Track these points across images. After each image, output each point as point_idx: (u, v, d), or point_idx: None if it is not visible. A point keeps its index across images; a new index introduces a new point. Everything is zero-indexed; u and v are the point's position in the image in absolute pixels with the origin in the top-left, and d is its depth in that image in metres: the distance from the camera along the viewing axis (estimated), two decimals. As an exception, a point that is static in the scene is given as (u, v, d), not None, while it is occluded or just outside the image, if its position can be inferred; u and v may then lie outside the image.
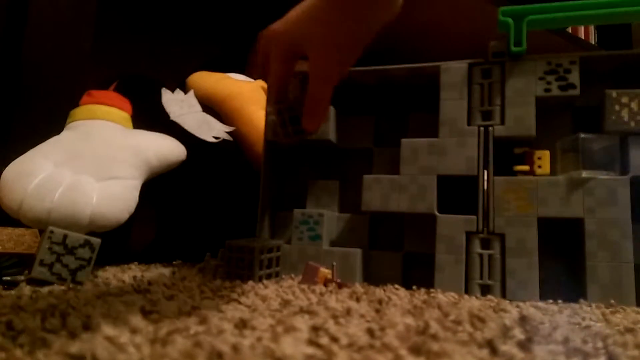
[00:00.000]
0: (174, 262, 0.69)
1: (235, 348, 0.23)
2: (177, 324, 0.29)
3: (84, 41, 0.78)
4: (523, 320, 0.35)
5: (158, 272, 0.57)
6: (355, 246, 0.61)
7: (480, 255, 0.54)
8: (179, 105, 0.76)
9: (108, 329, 0.25)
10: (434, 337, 0.29)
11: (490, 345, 0.26)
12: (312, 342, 0.27)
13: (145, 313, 0.32)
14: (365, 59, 0.71)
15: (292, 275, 0.59)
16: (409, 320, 0.34)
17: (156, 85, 0.77)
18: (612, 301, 0.48)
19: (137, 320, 0.29)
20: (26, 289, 0.41)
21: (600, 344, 0.29)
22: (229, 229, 0.67)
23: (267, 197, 0.66)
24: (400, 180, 0.58)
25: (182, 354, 0.21)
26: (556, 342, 0.29)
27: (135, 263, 0.66)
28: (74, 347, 0.21)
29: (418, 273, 0.58)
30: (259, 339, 0.26)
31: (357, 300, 0.43)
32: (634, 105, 0.52)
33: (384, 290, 0.50)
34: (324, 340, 0.27)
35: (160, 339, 0.24)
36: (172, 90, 0.77)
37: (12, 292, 0.40)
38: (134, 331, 0.26)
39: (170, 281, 0.49)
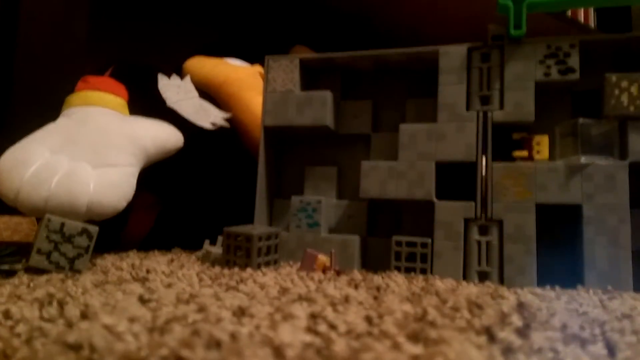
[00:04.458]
0: (173, 250, 0.69)
1: (234, 336, 0.23)
2: (175, 312, 0.29)
3: (79, 27, 0.77)
4: (521, 306, 0.35)
5: (156, 260, 0.57)
6: (354, 233, 0.61)
7: (479, 242, 0.54)
8: (176, 91, 0.75)
9: (106, 318, 0.24)
10: (432, 324, 0.29)
11: (488, 332, 0.26)
12: (310, 330, 0.27)
13: (144, 301, 0.32)
14: (363, 43, 0.70)
15: (291, 262, 0.59)
16: (407, 307, 0.34)
17: (152, 71, 0.76)
18: (610, 287, 0.48)
19: (135, 308, 0.29)
20: (24, 278, 0.41)
21: (597, 330, 0.29)
22: (227, 216, 0.67)
23: (264, 183, 0.65)
24: (398, 167, 0.58)
25: (180, 343, 0.21)
26: (554, 328, 0.29)
27: (134, 251, 0.66)
28: (72, 336, 0.21)
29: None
30: (258, 327, 0.26)
31: (356, 287, 0.43)
32: (633, 89, 0.52)
33: (382, 277, 0.50)
34: (322, 327, 0.27)
35: (159, 328, 0.24)
36: (169, 76, 0.77)
37: (10, 280, 0.40)
38: (132, 320, 0.26)
39: (168, 269, 0.49)
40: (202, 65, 0.83)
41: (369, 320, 0.29)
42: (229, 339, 0.22)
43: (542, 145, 0.55)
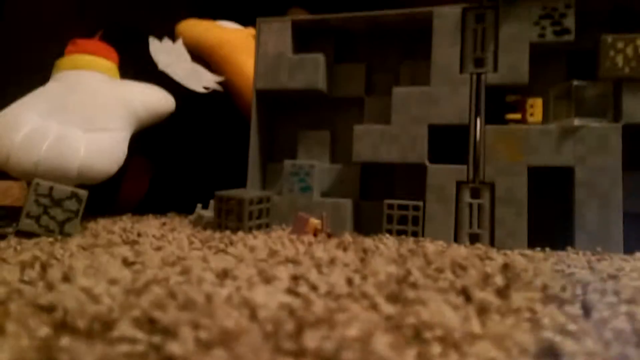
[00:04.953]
0: (167, 214, 0.69)
1: (209, 298, 0.23)
2: (157, 274, 0.29)
3: (67, -12, 0.76)
4: (505, 267, 0.35)
5: (149, 223, 0.57)
6: (347, 197, 0.61)
7: (470, 205, 0.54)
8: (168, 54, 0.74)
9: (85, 280, 0.25)
10: (413, 285, 0.29)
11: (465, 293, 0.26)
12: (290, 291, 0.27)
13: (128, 264, 0.32)
14: (356, 4, 0.68)
15: (283, 226, 0.60)
16: (392, 268, 0.34)
17: (143, 34, 0.75)
18: (599, 248, 0.48)
19: (117, 271, 0.29)
20: (12, 241, 0.41)
21: (579, 291, 0.29)
22: (220, 180, 0.67)
23: (257, 147, 0.65)
24: (391, 130, 0.58)
25: (152, 304, 0.21)
26: (535, 289, 0.29)
27: (128, 215, 0.67)
28: (46, 298, 0.21)
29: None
30: (238, 289, 0.27)
31: (344, 249, 0.44)
32: (629, 50, 0.51)
33: (373, 240, 0.50)
34: (303, 289, 0.27)
35: (136, 289, 0.24)
36: (160, 39, 0.76)
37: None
38: (112, 282, 0.26)
39: (159, 232, 0.50)
40: (195, 28, 0.82)
41: (350, 281, 0.30)
42: (204, 301, 0.22)
43: (535, 107, 0.54)
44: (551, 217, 0.54)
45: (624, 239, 0.49)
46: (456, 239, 0.54)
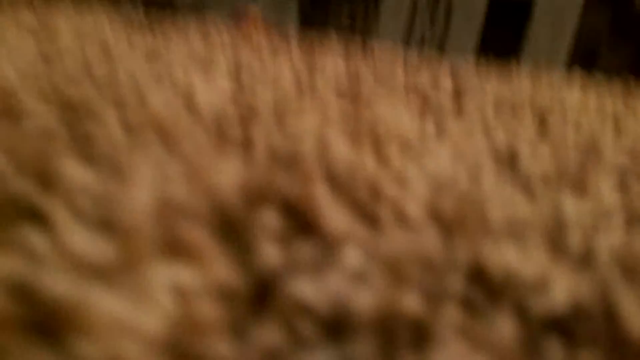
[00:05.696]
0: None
1: (133, 77, 0.19)
2: (70, 46, 0.25)
3: None
4: (455, 74, 0.34)
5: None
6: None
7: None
8: None
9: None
10: (365, 82, 0.27)
11: (421, 94, 0.24)
12: (232, 78, 0.24)
13: (34, 33, 0.27)
14: None
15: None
16: (341, 66, 0.31)
17: None
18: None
19: (19, 39, 0.24)
20: None
21: (529, 102, 0.28)
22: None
23: None
24: None
25: (65, 78, 0.17)
26: (487, 95, 0.28)
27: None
28: None
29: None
30: (170, 71, 0.23)
31: (288, 43, 0.40)
32: None
33: (320, 38, 0.46)
34: (246, 77, 0.24)
35: (44, 60, 0.20)
36: None
37: None
38: (13, 50, 0.21)
39: (72, 6, 0.43)
40: None
41: (298, 78, 0.27)
42: (128, 79, 0.19)
43: None
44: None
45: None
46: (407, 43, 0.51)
